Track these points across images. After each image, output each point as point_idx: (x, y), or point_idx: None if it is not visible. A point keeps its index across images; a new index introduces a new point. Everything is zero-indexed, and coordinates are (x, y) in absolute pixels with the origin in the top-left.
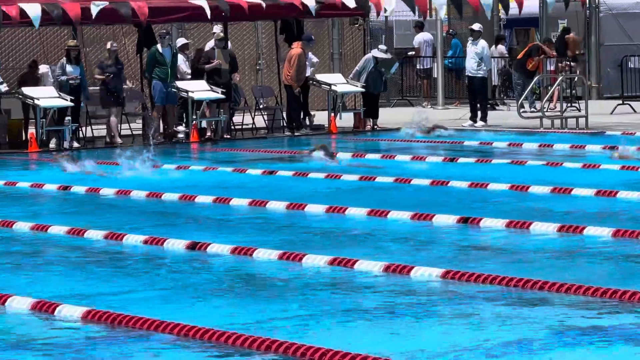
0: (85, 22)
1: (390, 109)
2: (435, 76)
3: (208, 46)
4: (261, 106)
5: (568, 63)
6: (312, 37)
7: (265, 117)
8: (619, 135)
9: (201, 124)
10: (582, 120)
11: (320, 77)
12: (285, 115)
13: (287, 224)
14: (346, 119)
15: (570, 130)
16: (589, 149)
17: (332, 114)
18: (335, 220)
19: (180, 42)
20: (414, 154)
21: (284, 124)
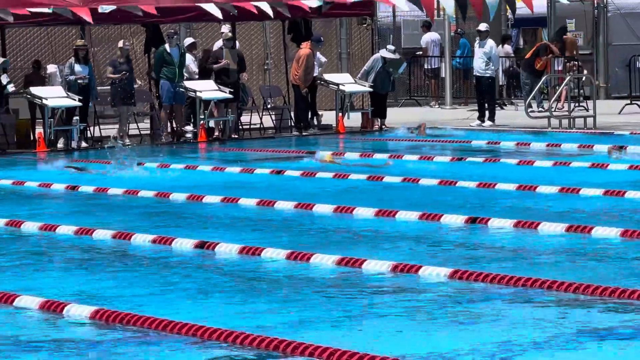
0: (94, 22)
1: (398, 109)
2: (443, 76)
3: (216, 46)
4: (269, 106)
5: (576, 63)
6: (322, 39)
7: (273, 117)
8: (627, 135)
9: (209, 123)
10: (590, 120)
11: (328, 77)
12: (293, 115)
13: (295, 224)
14: (354, 119)
15: (578, 130)
16: (596, 149)
17: (340, 114)
18: (343, 220)
19: (188, 42)
20: (422, 154)
21: (292, 124)
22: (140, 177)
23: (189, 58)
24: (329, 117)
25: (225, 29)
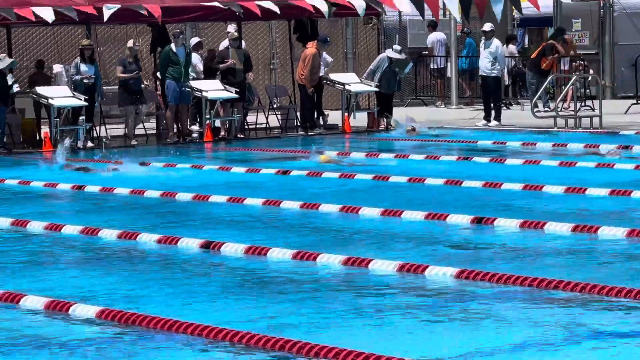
0: (100, 22)
1: (404, 109)
2: (449, 75)
3: (222, 46)
4: (275, 106)
5: (582, 62)
6: (328, 39)
7: (279, 117)
8: (633, 135)
9: (215, 123)
10: (596, 120)
11: (334, 77)
12: (299, 114)
13: (301, 224)
14: (360, 119)
15: (584, 130)
16: (602, 149)
17: (346, 114)
18: (349, 220)
19: (194, 42)
20: (428, 154)
21: (298, 124)
22: (146, 177)
23: (196, 57)
24: (335, 117)
25: (232, 28)
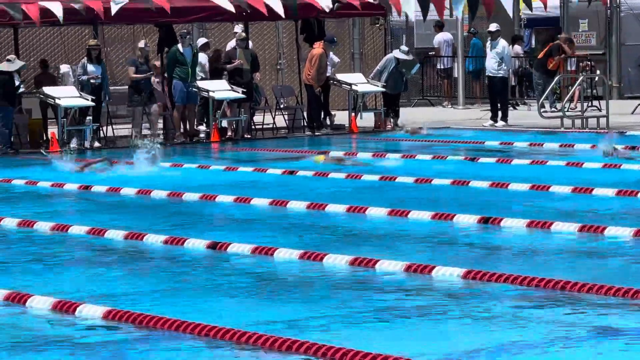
0: (107, 22)
1: (411, 109)
2: (455, 76)
3: (229, 46)
4: (282, 106)
5: (589, 63)
6: (335, 39)
7: (286, 117)
8: (639, 135)
9: (222, 123)
10: (603, 120)
11: (340, 77)
12: (305, 115)
13: (308, 224)
14: (367, 119)
15: (591, 130)
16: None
17: (353, 114)
18: (355, 220)
19: (201, 42)
20: (435, 154)
21: (305, 124)
22: (153, 177)
23: (204, 57)
24: (341, 117)
25: (238, 29)
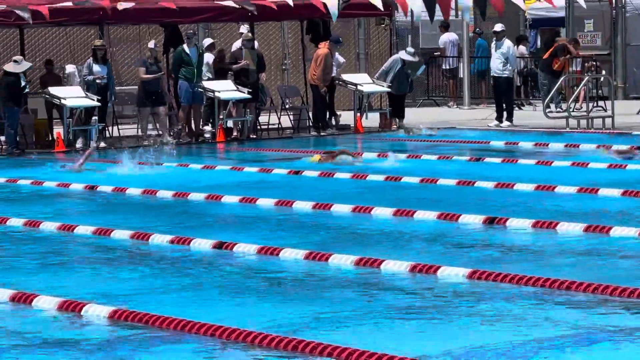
0: (112, 22)
1: (416, 109)
2: (461, 76)
3: (235, 46)
4: (287, 106)
5: (594, 63)
6: (340, 39)
7: (291, 117)
8: None
9: (227, 123)
10: (609, 121)
11: (346, 77)
12: (311, 115)
13: (313, 224)
14: (372, 119)
15: (597, 131)
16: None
17: (358, 114)
18: (361, 220)
19: (207, 43)
20: (440, 154)
21: (310, 124)
22: (159, 177)
23: (211, 58)
24: (347, 117)
25: (244, 29)
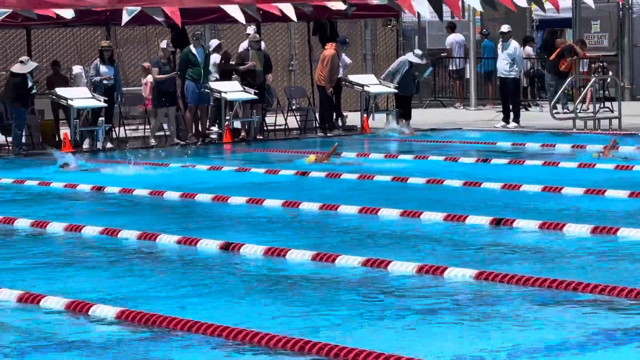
0: (119, 24)
1: (423, 110)
2: (467, 77)
3: (241, 47)
4: (294, 107)
5: (601, 64)
6: (347, 40)
7: (298, 118)
8: None
9: (234, 124)
10: (615, 121)
11: (352, 78)
12: (317, 116)
13: (320, 225)
14: (379, 120)
15: (603, 132)
16: (622, 150)
17: (365, 115)
18: (368, 221)
19: (214, 44)
20: (447, 155)
21: (317, 125)
22: (166, 178)
23: (217, 58)
24: (353, 118)
25: (251, 30)
